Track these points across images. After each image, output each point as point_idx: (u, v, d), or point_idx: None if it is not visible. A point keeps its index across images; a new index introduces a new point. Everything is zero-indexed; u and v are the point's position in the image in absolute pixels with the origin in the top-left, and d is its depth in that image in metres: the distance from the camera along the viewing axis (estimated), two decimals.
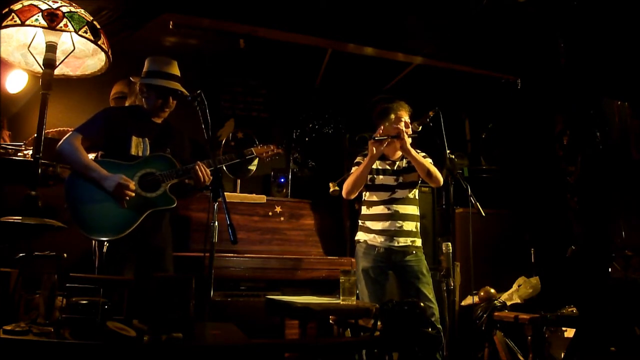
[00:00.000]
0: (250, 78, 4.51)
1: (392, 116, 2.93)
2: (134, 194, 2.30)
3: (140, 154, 2.43)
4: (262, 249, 3.59)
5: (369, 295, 2.80)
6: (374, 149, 2.82)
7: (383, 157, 2.98)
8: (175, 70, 2.52)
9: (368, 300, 2.77)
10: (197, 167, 2.42)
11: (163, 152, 2.48)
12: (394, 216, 2.87)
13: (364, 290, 2.82)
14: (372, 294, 2.80)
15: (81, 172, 2.30)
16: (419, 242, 2.92)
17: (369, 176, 2.92)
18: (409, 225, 2.89)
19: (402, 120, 2.91)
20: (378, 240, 2.86)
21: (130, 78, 2.56)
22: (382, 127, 2.88)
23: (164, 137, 2.53)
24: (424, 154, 2.96)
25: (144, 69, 2.53)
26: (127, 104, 3.09)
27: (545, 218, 3.92)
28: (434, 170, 2.85)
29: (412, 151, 2.83)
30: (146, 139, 2.46)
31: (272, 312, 2.67)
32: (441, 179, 2.88)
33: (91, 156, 2.42)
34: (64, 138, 2.34)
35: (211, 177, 2.43)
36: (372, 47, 3.88)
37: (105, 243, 2.30)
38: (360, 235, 2.96)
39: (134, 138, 2.43)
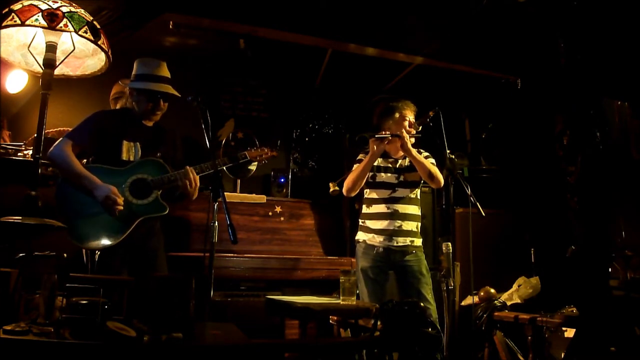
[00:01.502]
0: (250, 78, 4.50)
1: (397, 115, 2.92)
2: (122, 208, 2.28)
3: (131, 158, 2.41)
4: (262, 249, 3.59)
5: (368, 295, 2.80)
6: (375, 147, 2.82)
7: (385, 155, 2.98)
8: (165, 72, 2.50)
9: (368, 300, 2.77)
10: (187, 173, 2.39)
11: (154, 157, 2.45)
12: (394, 215, 2.86)
13: (364, 290, 2.83)
14: (371, 294, 2.80)
15: (72, 179, 2.28)
16: (418, 241, 2.91)
17: (370, 173, 2.91)
18: (409, 225, 2.88)
19: (406, 120, 2.91)
20: (377, 240, 2.86)
21: (119, 81, 2.53)
22: (386, 127, 2.88)
23: (155, 140, 2.51)
24: (427, 154, 2.95)
25: (133, 72, 2.51)
26: (118, 105, 3.06)
27: (545, 218, 3.92)
28: (435, 171, 2.84)
29: (413, 151, 2.82)
30: (137, 143, 2.44)
31: (272, 312, 2.67)
32: (442, 181, 2.86)
33: (82, 161, 2.41)
34: (55, 144, 2.33)
35: (198, 184, 2.42)
36: (372, 47, 3.87)
37: (97, 252, 2.27)
38: (360, 235, 2.96)
39: (125, 143, 2.41)
